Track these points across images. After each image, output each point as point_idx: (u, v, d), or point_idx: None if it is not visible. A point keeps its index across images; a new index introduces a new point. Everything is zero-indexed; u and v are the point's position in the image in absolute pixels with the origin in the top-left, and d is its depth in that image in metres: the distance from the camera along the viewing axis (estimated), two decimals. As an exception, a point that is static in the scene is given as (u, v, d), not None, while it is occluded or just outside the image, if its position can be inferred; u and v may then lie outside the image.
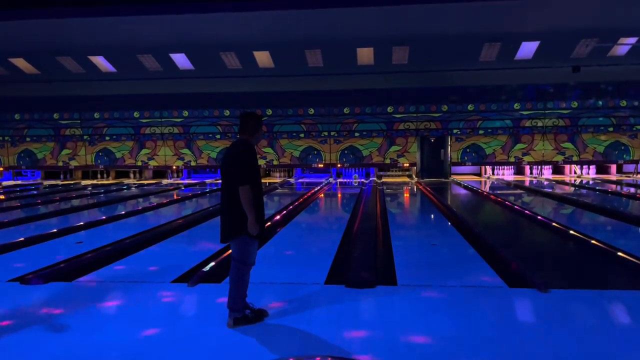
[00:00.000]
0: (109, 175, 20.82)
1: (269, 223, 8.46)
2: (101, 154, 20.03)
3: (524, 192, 14.20)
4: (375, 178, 19.09)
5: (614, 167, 19.35)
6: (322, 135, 19.09)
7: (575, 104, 18.00)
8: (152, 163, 19.93)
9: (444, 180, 18.27)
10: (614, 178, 17.96)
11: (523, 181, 17.36)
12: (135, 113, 19.62)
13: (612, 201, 11.59)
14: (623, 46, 15.90)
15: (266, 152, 19.35)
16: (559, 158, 18.44)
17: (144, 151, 19.83)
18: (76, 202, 12.59)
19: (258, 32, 15.46)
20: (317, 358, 3.23)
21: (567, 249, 6.86)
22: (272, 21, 14.71)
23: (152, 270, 5.61)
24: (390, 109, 18.71)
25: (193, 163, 19.77)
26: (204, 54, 16.92)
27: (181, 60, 17.41)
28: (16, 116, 20.07)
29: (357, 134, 18.96)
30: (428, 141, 18.86)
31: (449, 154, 18.78)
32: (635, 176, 18.30)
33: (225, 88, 18.59)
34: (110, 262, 5.90)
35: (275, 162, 19.49)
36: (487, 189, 14.79)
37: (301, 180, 19.21)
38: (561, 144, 18.32)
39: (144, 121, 19.66)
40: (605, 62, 16.52)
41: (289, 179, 19.36)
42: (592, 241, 6.63)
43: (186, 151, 19.68)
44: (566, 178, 18.36)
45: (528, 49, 16.21)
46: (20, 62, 17.87)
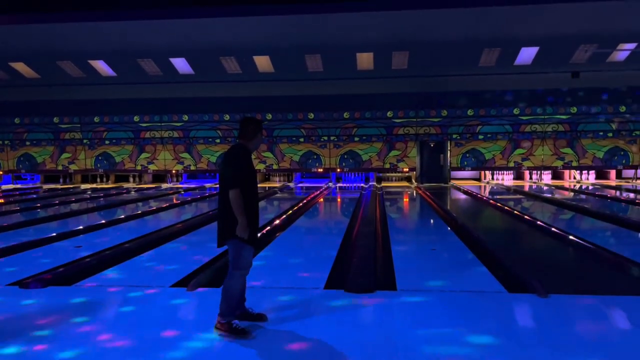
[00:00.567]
0: (109, 179, 20.82)
1: (269, 227, 8.46)
2: (101, 158, 20.03)
3: (524, 197, 14.20)
4: (374, 183, 19.10)
5: (614, 173, 19.35)
6: (322, 139, 19.11)
7: (574, 110, 18.04)
8: (152, 167, 19.94)
9: (444, 185, 18.27)
10: (614, 183, 17.98)
11: (523, 186, 17.37)
12: (135, 117, 19.65)
13: (612, 206, 11.59)
14: (622, 52, 15.95)
15: (266, 157, 19.36)
16: (559, 163, 18.46)
17: (144, 155, 19.84)
18: (75, 206, 12.58)
19: (258, 37, 15.51)
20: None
21: (566, 254, 6.85)
22: (272, 26, 14.75)
23: (152, 274, 5.60)
24: (389, 114, 18.74)
25: (192, 167, 19.78)
26: (204, 59, 16.97)
27: (181, 64, 17.45)
28: (16, 120, 20.08)
29: (357, 139, 18.98)
30: (427, 146, 18.87)
31: (449, 159, 18.79)
32: (634, 182, 18.31)
33: (225, 92, 18.62)
34: (109, 266, 5.89)
35: (274, 167, 19.50)
36: (487, 194, 14.79)
37: (301, 184, 19.21)
38: (560, 149, 18.35)
39: (144, 125, 19.67)
40: (604, 68, 16.57)
41: (289, 184, 19.36)
42: (591, 246, 6.63)
43: (186, 155, 19.69)
44: (566, 183, 18.37)
45: (527, 55, 16.26)
46: (20, 67, 17.90)
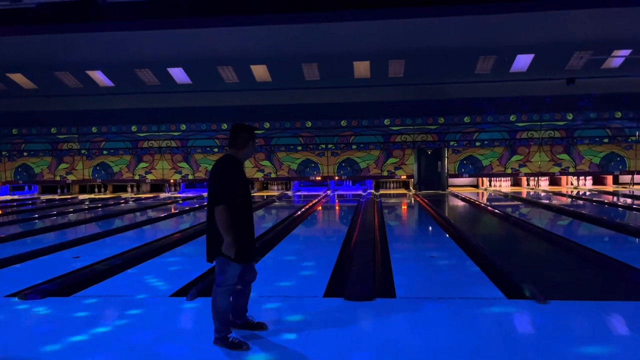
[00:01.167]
0: (107, 189, 20.80)
1: (267, 236, 8.46)
2: (99, 168, 20.02)
3: (521, 204, 14.24)
4: (372, 190, 19.12)
5: (610, 179, 19.42)
6: (320, 147, 19.15)
7: (570, 116, 18.13)
8: (150, 177, 19.93)
9: (442, 192, 18.30)
10: (610, 189, 18.04)
11: (520, 192, 17.41)
12: (133, 127, 19.67)
13: (609, 212, 11.63)
14: (617, 58, 16.07)
15: (264, 165, 19.38)
16: (555, 169, 18.53)
17: (142, 165, 19.84)
18: (73, 217, 12.57)
19: (255, 46, 15.58)
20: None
21: (565, 260, 6.87)
22: (269, 35, 14.82)
23: (151, 284, 5.59)
24: (387, 122, 18.80)
25: (190, 177, 19.78)
26: (202, 68, 17.03)
27: (179, 74, 17.51)
28: (14, 131, 20.08)
29: (355, 147, 19.03)
30: (425, 153, 18.93)
31: (446, 166, 18.84)
32: (631, 187, 18.37)
33: (222, 102, 18.67)
34: (108, 277, 5.88)
35: (272, 175, 19.51)
36: (484, 201, 14.82)
37: (299, 193, 19.22)
38: (557, 156, 18.42)
39: (142, 135, 19.69)
40: (599, 74, 16.68)
41: (287, 192, 19.36)
42: (590, 252, 6.65)
43: (184, 165, 19.70)
44: (563, 189, 18.42)
45: (523, 62, 16.36)
46: (18, 77, 17.93)
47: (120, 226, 10.46)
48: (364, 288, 4.97)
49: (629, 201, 13.80)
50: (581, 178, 19.50)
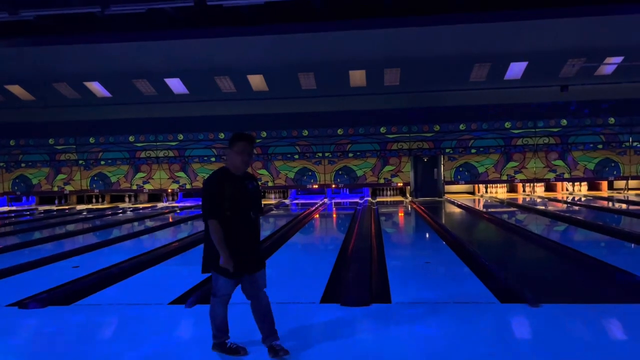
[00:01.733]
0: (104, 199, 20.83)
1: (266, 244, 8.52)
2: (96, 179, 20.07)
3: (516, 210, 14.34)
4: (369, 197, 19.22)
5: (605, 184, 19.56)
6: (317, 156, 19.26)
7: (564, 122, 18.30)
8: (148, 186, 19.99)
9: (438, 199, 18.41)
10: (605, 194, 18.17)
11: (516, 199, 17.53)
12: (130, 137, 19.75)
13: (603, 217, 11.74)
14: (609, 65, 16.26)
15: (261, 174, 19.47)
16: (551, 175, 18.66)
17: (139, 175, 19.90)
18: (71, 227, 12.60)
19: (252, 57, 15.73)
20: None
21: (558, 264, 6.95)
22: (265, 46, 14.97)
23: (150, 292, 5.66)
24: (383, 130, 18.94)
25: (188, 186, 19.84)
26: (199, 79, 17.15)
27: (176, 84, 17.63)
28: (11, 142, 20.14)
29: (351, 155, 19.14)
30: (421, 161, 19.05)
31: (442, 173, 18.96)
32: (625, 192, 18.51)
33: (219, 111, 18.78)
34: (107, 286, 5.94)
35: (270, 184, 19.59)
36: (480, 207, 14.93)
37: (296, 201, 19.29)
38: (552, 162, 18.55)
39: (139, 145, 19.77)
40: (592, 81, 16.87)
41: (284, 200, 19.43)
42: (582, 255, 6.74)
43: (181, 174, 19.77)
44: (558, 195, 18.55)
45: (517, 69, 16.54)
46: (16, 89, 18.03)
47: (118, 236, 10.51)
48: (360, 294, 5.04)
49: (624, 206, 13.93)
50: (576, 184, 19.63)
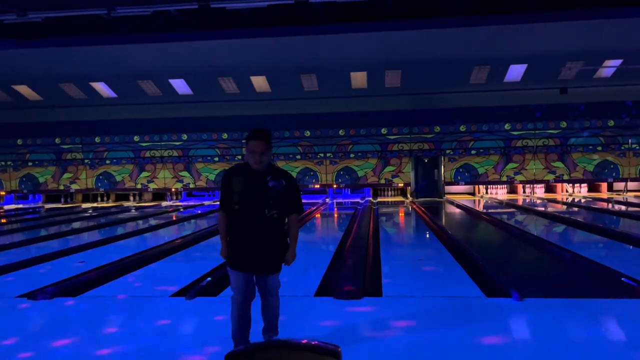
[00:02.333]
0: (109, 198, 21.14)
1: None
2: (102, 178, 20.38)
3: (514, 210, 14.53)
4: (370, 198, 19.43)
5: (605, 186, 19.70)
6: (318, 156, 19.50)
7: (564, 124, 18.46)
8: (152, 186, 20.28)
9: (438, 199, 18.60)
10: (605, 196, 18.32)
11: (516, 200, 17.70)
12: (135, 137, 20.05)
13: (600, 218, 11.92)
14: (608, 68, 16.42)
15: (263, 174, 19.68)
16: (550, 177, 18.82)
17: (144, 174, 20.20)
18: (77, 225, 12.89)
19: (255, 58, 15.99)
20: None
21: (551, 263, 7.16)
22: (268, 48, 15.25)
23: (152, 285, 5.90)
24: (384, 131, 19.15)
25: (192, 185, 20.12)
26: (203, 80, 17.43)
27: (180, 85, 17.92)
28: (19, 141, 20.48)
29: (352, 155, 19.37)
30: (422, 161, 19.26)
31: (443, 174, 19.15)
32: (625, 194, 18.65)
33: (223, 112, 19.05)
34: (112, 279, 6.19)
35: (272, 184, 19.80)
36: (479, 208, 15.12)
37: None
38: (552, 163, 18.72)
39: (144, 145, 20.07)
40: (591, 84, 17.03)
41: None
42: (578, 257, 6.94)
43: (185, 174, 20.06)
44: (558, 196, 18.71)
45: (516, 72, 16.73)
46: (23, 89, 18.36)
47: (123, 233, 10.78)
48: (353, 287, 5.28)
49: (623, 207, 14.09)
50: (576, 185, 19.78)
